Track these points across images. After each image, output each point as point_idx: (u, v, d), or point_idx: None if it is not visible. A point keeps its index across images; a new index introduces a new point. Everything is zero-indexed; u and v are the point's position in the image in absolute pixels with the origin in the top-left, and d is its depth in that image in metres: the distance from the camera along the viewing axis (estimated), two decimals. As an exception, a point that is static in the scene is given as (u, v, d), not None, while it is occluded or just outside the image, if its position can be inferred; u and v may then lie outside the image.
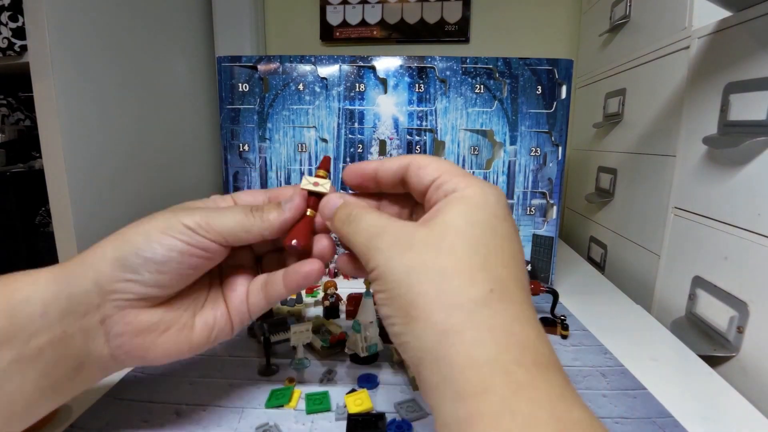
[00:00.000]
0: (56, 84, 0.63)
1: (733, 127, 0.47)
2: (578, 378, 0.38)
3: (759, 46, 0.44)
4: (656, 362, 0.43)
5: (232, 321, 0.29)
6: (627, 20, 0.75)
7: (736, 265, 0.47)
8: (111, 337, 0.25)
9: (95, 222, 0.71)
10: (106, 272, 0.25)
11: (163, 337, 0.26)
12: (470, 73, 0.56)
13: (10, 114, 0.92)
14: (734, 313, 0.46)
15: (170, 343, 0.27)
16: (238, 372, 0.38)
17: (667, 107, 0.61)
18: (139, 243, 0.25)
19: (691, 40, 0.55)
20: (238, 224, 0.27)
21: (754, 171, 0.45)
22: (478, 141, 0.58)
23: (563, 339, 0.46)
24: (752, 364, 0.44)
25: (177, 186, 0.94)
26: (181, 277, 0.26)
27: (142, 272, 0.25)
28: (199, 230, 0.26)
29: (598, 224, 0.85)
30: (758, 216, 0.44)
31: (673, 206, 0.59)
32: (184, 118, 0.96)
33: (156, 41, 0.86)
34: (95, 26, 0.70)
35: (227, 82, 0.57)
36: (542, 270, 0.60)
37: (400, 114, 0.58)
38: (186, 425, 0.31)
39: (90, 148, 0.70)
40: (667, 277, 0.60)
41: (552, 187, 0.58)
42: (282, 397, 0.34)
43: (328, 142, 0.58)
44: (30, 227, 0.72)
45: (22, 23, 0.62)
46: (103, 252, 0.25)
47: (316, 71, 0.57)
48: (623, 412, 0.33)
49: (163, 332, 0.26)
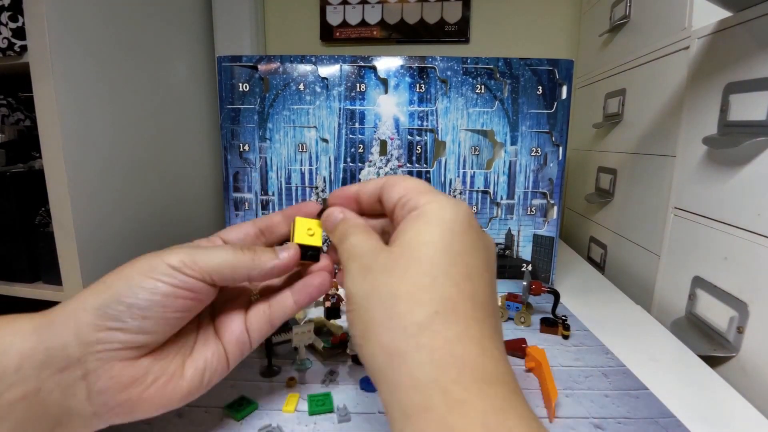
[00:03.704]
0: (56, 84, 0.63)
1: (733, 128, 0.47)
2: (580, 378, 0.38)
3: (759, 46, 0.44)
4: (656, 362, 0.43)
5: (228, 357, 0.28)
6: (627, 20, 0.75)
7: (736, 265, 0.47)
8: (94, 394, 0.23)
9: (95, 222, 0.71)
10: (87, 322, 0.23)
11: (150, 390, 0.24)
12: (471, 74, 0.56)
13: (10, 114, 0.92)
14: (734, 313, 0.46)
15: (159, 395, 0.25)
16: (239, 373, 0.38)
17: (667, 107, 0.61)
18: (120, 289, 0.23)
19: (691, 41, 0.55)
20: (225, 261, 0.26)
21: (754, 171, 0.45)
22: (479, 141, 0.58)
23: (564, 339, 0.46)
24: (752, 364, 0.44)
25: (177, 185, 0.94)
26: (168, 322, 0.25)
27: (125, 319, 0.23)
28: (184, 269, 0.24)
29: (598, 224, 0.85)
30: (758, 216, 0.44)
31: (673, 206, 0.59)
32: (184, 118, 0.96)
33: (156, 41, 0.86)
34: (95, 26, 0.70)
35: (227, 82, 0.57)
36: (543, 270, 0.60)
37: (401, 114, 0.58)
38: (188, 427, 0.31)
39: (90, 149, 0.70)
40: (667, 277, 0.60)
41: (552, 187, 0.59)
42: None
43: (329, 142, 0.58)
44: (30, 227, 0.72)
45: (22, 23, 0.62)
46: (83, 301, 0.24)
47: (316, 71, 0.57)
48: (626, 413, 0.34)
49: (150, 385, 0.24)
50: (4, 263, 0.73)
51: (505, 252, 0.60)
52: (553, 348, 0.44)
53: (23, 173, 0.72)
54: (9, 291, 0.72)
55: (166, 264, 0.24)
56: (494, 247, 0.24)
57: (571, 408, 0.34)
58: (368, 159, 0.59)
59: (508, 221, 0.60)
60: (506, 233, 0.60)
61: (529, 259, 0.60)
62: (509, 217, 0.59)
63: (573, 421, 0.33)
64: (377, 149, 0.59)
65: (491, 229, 0.60)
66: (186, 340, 0.27)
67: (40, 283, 0.73)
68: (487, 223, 0.59)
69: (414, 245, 0.21)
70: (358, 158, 0.59)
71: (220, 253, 0.26)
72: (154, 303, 0.24)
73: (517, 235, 0.60)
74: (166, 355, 0.26)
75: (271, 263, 0.27)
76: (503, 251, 0.60)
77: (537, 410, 0.34)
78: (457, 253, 0.21)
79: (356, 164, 0.59)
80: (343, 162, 0.59)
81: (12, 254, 0.72)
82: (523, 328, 0.49)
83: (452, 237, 0.21)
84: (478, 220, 0.59)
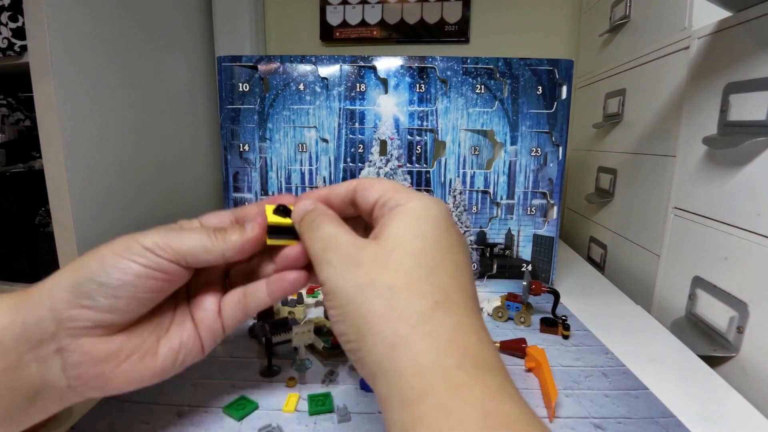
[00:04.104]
0: (56, 84, 0.63)
1: (733, 128, 0.47)
2: (580, 378, 0.38)
3: (759, 46, 0.44)
4: (656, 362, 0.43)
5: (203, 341, 0.28)
6: (627, 20, 0.75)
7: (736, 265, 0.47)
8: (68, 367, 0.24)
9: (95, 222, 0.71)
10: (62, 299, 0.24)
11: (123, 366, 0.25)
12: (471, 74, 0.56)
13: (10, 114, 0.92)
14: (734, 313, 0.46)
15: (132, 371, 0.25)
16: (239, 373, 0.38)
17: (667, 107, 0.61)
18: (93, 268, 0.24)
19: (691, 41, 0.55)
20: (198, 244, 0.26)
21: (754, 171, 0.45)
22: (479, 141, 0.58)
23: (564, 339, 0.46)
24: (752, 364, 0.44)
25: (177, 186, 0.94)
26: (139, 302, 0.25)
27: (96, 298, 0.24)
28: (157, 250, 0.25)
29: (598, 224, 0.85)
30: (758, 216, 0.44)
31: (673, 206, 0.59)
32: (184, 118, 0.96)
33: (156, 41, 0.86)
34: (95, 26, 0.70)
35: (227, 82, 0.57)
36: (543, 270, 0.60)
37: (401, 114, 0.58)
38: (188, 427, 0.31)
39: (90, 148, 0.70)
40: (667, 277, 0.60)
41: (552, 187, 0.59)
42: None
43: (329, 142, 0.58)
44: (30, 227, 0.72)
45: (22, 23, 0.62)
46: (60, 278, 0.24)
47: (316, 71, 0.57)
48: (626, 412, 0.34)
49: (123, 360, 0.25)
50: (4, 263, 0.73)
51: (505, 252, 0.60)
52: (553, 348, 0.44)
53: (23, 173, 0.72)
54: (9, 291, 0.72)
55: (140, 245, 0.25)
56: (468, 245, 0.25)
57: (571, 408, 0.34)
58: (368, 159, 0.59)
59: (508, 221, 0.60)
60: (506, 233, 0.60)
61: (529, 259, 0.60)
62: (509, 217, 0.59)
63: (573, 421, 0.33)
64: (377, 149, 0.59)
65: (491, 229, 0.60)
66: (161, 320, 0.28)
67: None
68: (487, 223, 0.59)
69: (406, 239, 0.22)
70: (358, 158, 0.59)
71: (194, 235, 0.26)
72: (126, 283, 0.24)
73: (517, 235, 0.60)
74: (140, 333, 0.26)
75: (240, 238, 0.27)
76: (503, 251, 0.60)
77: (537, 410, 0.34)
78: (447, 248, 0.22)
79: (356, 164, 0.59)
80: (343, 162, 0.59)
81: (12, 254, 0.72)
82: (523, 328, 0.49)
83: (440, 232, 0.22)
84: (478, 219, 0.59)
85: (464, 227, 0.59)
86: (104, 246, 0.25)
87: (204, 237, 0.26)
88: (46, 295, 0.24)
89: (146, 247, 0.25)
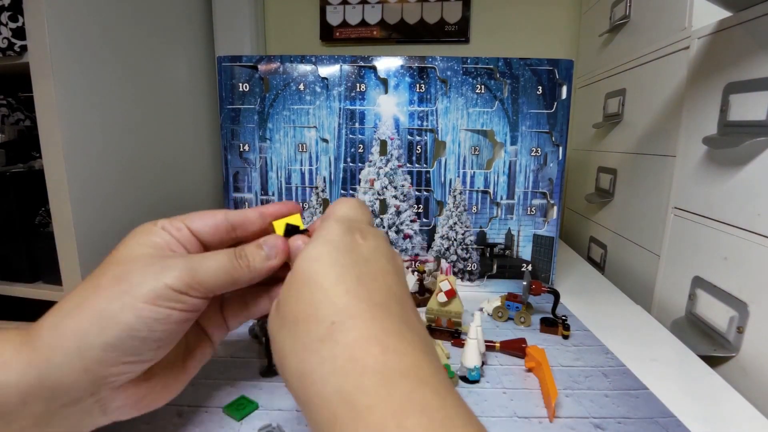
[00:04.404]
0: (56, 84, 0.63)
1: (733, 128, 0.47)
2: (580, 378, 0.38)
3: (759, 46, 0.44)
4: (656, 362, 0.43)
5: (214, 345, 0.30)
6: (627, 20, 0.75)
7: (735, 265, 0.47)
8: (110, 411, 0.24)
9: (95, 222, 0.71)
10: (97, 359, 0.22)
11: (160, 393, 0.26)
12: (471, 74, 0.56)
13: (10, 114, 0.92)
14: (734, 313, 0.46)
15: (167, 392, 0.27)
16: (239, 373, 0.38)
17: (667, 107, 0.61)
18: (130, 322, 0.22)
19: (691, 41, 0.55)
20: (226, 276, 0.25)
21: (754, 171, 0.45)
22: (479, 141, 0.58)
23: (564, 339, 0.46)
24: (752, 364, 0.44)
25: (177, 185, 0.94)
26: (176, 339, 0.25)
27: (141, 352, 0.23)
28: (190, 292, 0.24)
29: (598, 224, 0.85)
30: (758, 216, 0.44)
31: (672, 206, 0.59)
32: (184, 118, 0.96)
33: (156, 41, 0.86)
34: (95, 26, 0.70)
35: (227, 82, 0.57)
36: (543, 270, 0.61)
37: (401, 114, 0.58)
38: (188, 427, 0.31)
39: (90, 148, 0.70)
40: (667, 277, 0.60)
41: (552, 187, 0.59)
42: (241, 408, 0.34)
43: (329, 142, 0.58)
44: (30, 227, 0.72)
45: (22, 23, 0.62)
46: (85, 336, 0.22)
47: (316, 71, 0.57)
48: (626, 412, 0.34)
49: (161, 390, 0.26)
50: (4, 263, 0.73)
51: (505, 252, 0.60)
52: (553, 348, 0.44)
53: (23, 173, 0.72)
54: (9, 291, 0.73)
55: (171, 289, 0.23)
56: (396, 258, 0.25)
57: (571, 408, 0.34)
58: (368, 159, 0.59)
59: (508, 221, 0.60)
60: (506, 233, 0.60)
61: (529, 259, 0.60)
62: (509, 217, 0.59)
63: (573, 420, 0.33)
64: (377, 149, 0.59)
65: (491, 229, 0.60)
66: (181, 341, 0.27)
67: (40, 283, 0.73)
68: (487, 223, 0.60)
69: (304, 267, 0.22)
70: (358, 158, 0.59)
71: (218, 265, 0.25)
72: (170, 332, 0.24)
73: (517, 235, 0.60)
74: (171, 359, 0.27)
75: (265, 265, 0.27)
76: (503, 251, 0.60)
77: (537, 410, 0.34)
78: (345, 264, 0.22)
79: (356, 164, 0.59)
80: (343, 162, 0.59)
81: (12, 254, 0.72)
82: (523, 328, 0.49)
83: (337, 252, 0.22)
84: (478, 219, 0.59)
85: (464, 227, 0.59)
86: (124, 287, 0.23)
87: (228, 265, 0.26)
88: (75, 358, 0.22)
89: (179, 291, 0.23)
